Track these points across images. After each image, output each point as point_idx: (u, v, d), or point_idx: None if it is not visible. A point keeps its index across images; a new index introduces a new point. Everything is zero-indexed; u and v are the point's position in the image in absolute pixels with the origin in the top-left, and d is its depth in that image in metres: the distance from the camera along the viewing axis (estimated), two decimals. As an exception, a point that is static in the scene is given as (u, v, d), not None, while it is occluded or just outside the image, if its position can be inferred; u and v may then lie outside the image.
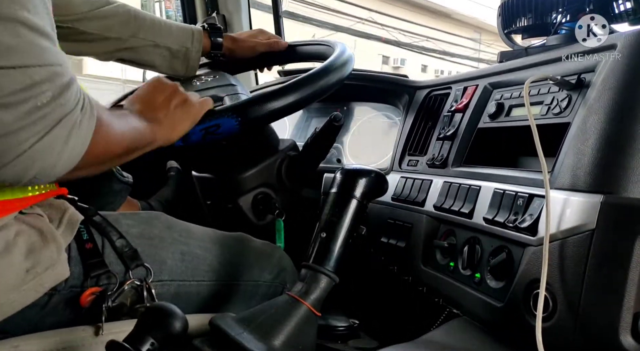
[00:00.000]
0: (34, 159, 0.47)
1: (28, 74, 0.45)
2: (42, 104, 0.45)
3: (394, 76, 1.20)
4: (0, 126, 0.44)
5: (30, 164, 0.47)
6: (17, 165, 0.46)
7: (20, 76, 0.44)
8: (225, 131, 0.77)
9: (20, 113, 0.44)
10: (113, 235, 0.69)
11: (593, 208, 0.55)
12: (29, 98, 0.45)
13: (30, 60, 0.45)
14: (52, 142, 0.47)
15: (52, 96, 0.46)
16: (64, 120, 0.47)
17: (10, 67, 0.44)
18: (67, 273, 0.62)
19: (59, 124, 0.47)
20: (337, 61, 0.87)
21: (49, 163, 0.48)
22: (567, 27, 0.81)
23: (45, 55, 0.46)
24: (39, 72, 0.45)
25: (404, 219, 0.90)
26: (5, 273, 0.56)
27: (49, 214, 0.64)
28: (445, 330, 0.71)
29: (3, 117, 0.43)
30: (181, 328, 0.56)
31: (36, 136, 0.46)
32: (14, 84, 0.44)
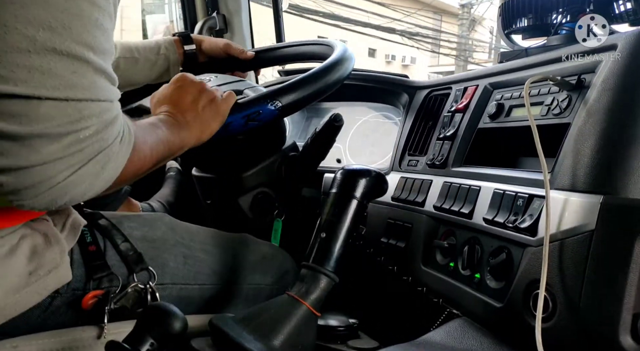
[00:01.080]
0: (66, 191, 0.47)
1: (78, 107, 0.45)
2: (85, 137, 0.46)
3: (395, 76, 1.20)
4: (41, 155, 0.44)
5: (62, 195, 0.47)
6: (48, 196, 0.46)
7: (70, 109, 0.45)
8: (265, 117, 0.79)
9: (62, 145, 0.45)
10: (118, 238, 0.69)
11: (593, 209, 0.55)
12: (73, 131, 0.45)
13: (83, 94, 0.45)
14: (86, 175, 0.47)
15: (96, 130, 0.47)
16: (101, 154, 0.48)
17: (63, 99, 0.44)
18: (69, 277, 0.62)
19: (95, 158, 0.47)
20: (345, 54, 0.88)
21: (79, 192, 0.48)
22: (568, 27, 0.81)
23: (98, 92, 0.47)
24: (88, 107, 0.46)
25: (404, 219, 0.90)
26: (9, 276, 0.56)
27: (54, 219, 0.64)
28: (445, 330, 0.71)
29: (46, 148, 0.44)
30: (180, 328, 0.56)
31: (71, 169, 0.46)
32: (63, 116, 0.44)
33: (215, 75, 1.02)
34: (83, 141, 0.46)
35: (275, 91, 0.80)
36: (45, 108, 0.43)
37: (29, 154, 0.44)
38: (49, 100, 0.43)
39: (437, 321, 0.78)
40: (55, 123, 0.44)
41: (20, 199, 0.46)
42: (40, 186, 0.45)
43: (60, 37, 0.43)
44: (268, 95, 0.79)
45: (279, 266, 0.86)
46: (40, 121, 0.43)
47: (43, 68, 0.43)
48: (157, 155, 0.61)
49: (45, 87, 0.43)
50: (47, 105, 0.43)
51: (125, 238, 0.70)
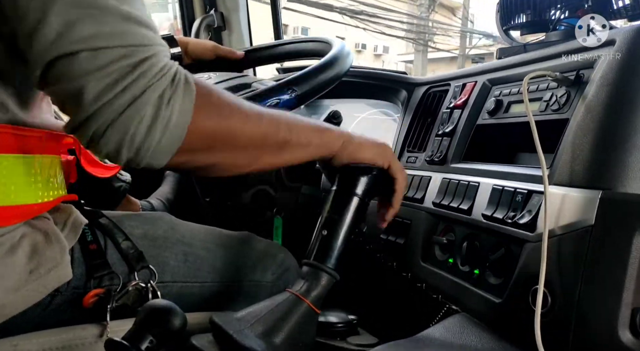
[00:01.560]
0: (126, 128, 0.50)
1: (107, 53, 0.49)
2: (120, 76, 0.49)
3: (393, 73, 1.20)
4: (90, 99, 0.49)
5: (124, 133, 0.50)
6: (112, 135, 0.50)
7: (101, 55, 0.49)
8: (283, 105, 0.80)
9: (105, 85, 0.49)
10: (119, 237, 0.69)
11: (591, 204, 0.55)
12: (109, 74, 0.49)
13: (113, 42, 0.49)
14: (139, 111, 0.50)
15: (130, 69, 0.50)
16: (148, 90, 0.50)
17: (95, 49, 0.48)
18: (69, 275, 0.62)
19: (143, 94, 0.50)
20: (338, 56, 0.89)
21: (146, 134, 0.51)
22: (566, 23, 0.81)
23: (126, 38, 0.50)
24: (117, 52, 0.49)
25: (403, 215, 0.90)
26: (9, 274, 0.56)
27: (55, 217, 0.64)
28: (444, 326, 0.71)
29: (92, 90, 0.49)
30: (180, 326, 0.56)
31: (121, 107, 0.49)
32: (98, 60, 0.49)
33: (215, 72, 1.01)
34: (122, 81, 0.49)
35: (291, 80, 0.82)
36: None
37: (78, 96, 0.49)
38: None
39: (436, 317, 0.78)
40: (94, 67, 0.48)
41: (89, 141, 0.51)
42: (93, 121, 0.50)
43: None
44: (285, 84, 0.81)
45: (279, 263, 0.86)
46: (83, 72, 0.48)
47: None
48: (260, 132, 0.61)
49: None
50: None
51: (126, 236, 0.70)
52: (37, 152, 0.61)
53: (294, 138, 0.64)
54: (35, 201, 0.60)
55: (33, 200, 0.60)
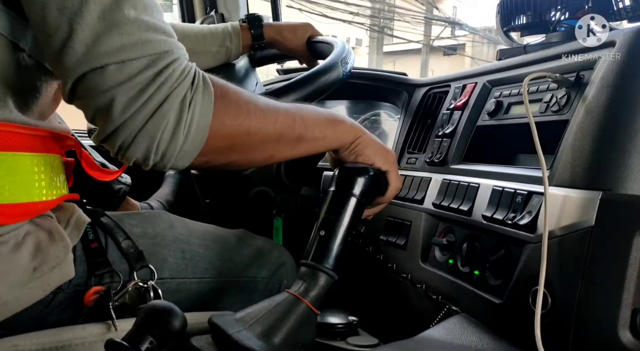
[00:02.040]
0: (152, 135, 0.52)
1: (131, 64, 0.51)
2: (145, 85, 0.51)
3: (393, 74, 1.20)
4: (118, 111, 0.51)
5: (151, 140, 0.52)
6: (139, 143, 0.52)
7: (126, 67, 0.51)
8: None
9: (132, 96, 0.51)
10: (119, 236, 0.70)
11: (591, 205, 0.55)
12: (136, 85, 0.51)
13: (135, 54, 0.51)
14: (163, 117, 0.52)
15: (153, 77, 0.51)
16: (170, 96, 0.52)
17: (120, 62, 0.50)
18: (72, 273, 0.63)
19: (166, 101, 0.52)
20: (339, 58, 0.88)
21: (170, 139, 0.53)
22: (566, 24, 0.81)
23: (149, 47, 0.52)
24: (142, 62, 0.51)
25: (403, 217, 0.90)
26: (13, 271, 0.57)
27: (58, 216, 0.65)
28: (444, 327, 0.71)
29: (120, 102, 0.51)
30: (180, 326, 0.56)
31: (143, 115, 0.51)
32: (125, 73, 0.50)
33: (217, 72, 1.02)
34: (146, 90, 0.51)
35: (315, 72, 0.83)
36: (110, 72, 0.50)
37: (107, 108, 0.51)
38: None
39: (436, 318, 0.78)
40: (118, 81, 0.50)
41: (118, 149, 0.53)
42: (127, 137, 0.52)
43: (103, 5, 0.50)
44: (312, 76, 0.83)
45: (274, 259, 0.86)
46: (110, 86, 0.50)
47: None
48: (278, 127, 0.62)
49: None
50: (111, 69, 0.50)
51: (127, 235, 0.70)
52: (41, 151, 0.62)
53: (309, 133, 0.66)
54: (40, 199, 0.61)
55: (37, 198, 0.61)
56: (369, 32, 10.52)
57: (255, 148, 0.61)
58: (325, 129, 0.68)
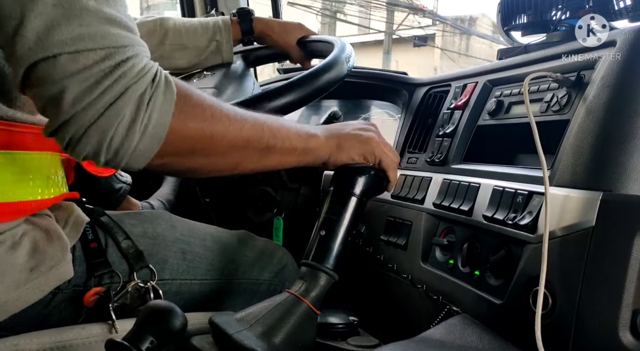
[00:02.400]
0: (105, 130, 0.49)
1: (89, 55, 0.49)
2: (100, 78, 0.49)
3: (394, 74, 1.20)
4: (69, 102, 0.48)
5: (103, 135, 0.49)
6: (90, 137, 0.49)
7: (82, 58, 0.48)
8: None
9: (85, 87, 0.48)
10: (119, 236, 0.70)
11: (592, 205, 0.55)
12: (90, 76, 0.48)
13: (92, 45, 0.49)
14: (118, 112, 0.49)
15: (110, 70, 0.49)
16: (128, 91, 0.50)
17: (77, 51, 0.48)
18: (70, 273, 0.62)
19: (123, 95, 0.49)
20: (343, 55, 0.88)
21: (124, 136, 0.50)
22: (567, 24, 0.80)
23: (107, 39, 0.50)
24: (98, 54, 0.49)
25: (404, 216, 0.90)
26: (10, 272, 0.57)
27: (56, 215, 0.65)
28: (444, 328, 0.71)
29: (71, 93, 0.48)
30: (180, 326, 0.56)
31: (96, 109, 0.49)
32: (79, 63, 0.48)
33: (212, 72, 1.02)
34: (102, 82, 0.49)
35: (264, 95, 0.81)
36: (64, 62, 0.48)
37: (58, 99, 0.48)
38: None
39: (437, 319, 0.78)
40: (74, 70, 0.48)
41: (67, 144, 0.51)
42: (72, 124, 0.49)
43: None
44: (261, 97, 0.81)
45: (277, 261, 0.86)
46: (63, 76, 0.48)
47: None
48: (239, 134, 0.60)
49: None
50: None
51: (127, 235, 0.70)
52: (32, 149, 0.61)
53: (278, 144, 0.64)
54: (34, 198, 0.60)
55: (31, 197, 0.60)
56: (320, 17, 9.51)
57: (220, 154, 0.60)
58: (295, 142, 0.66)
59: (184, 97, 0.54)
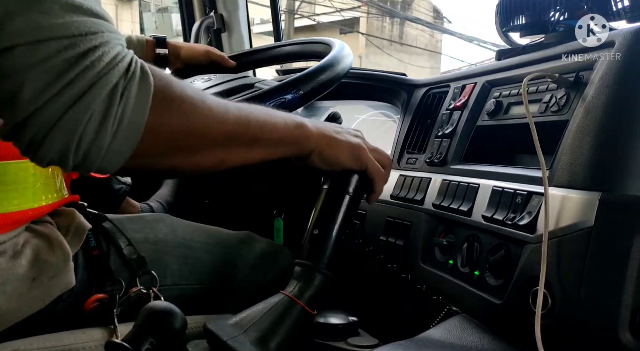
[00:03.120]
0: (71, 130, 0.43)
1: (50, 45, 0.42)
2: (63, 70, 0.42)
3: (393, 75, 1.20)
4: (27, 99, 0.42)
5: (70, 136, 0.43)
6: (54, 139, 0.43)
7: (43, 48, 0.42)
8: (289, 104, 0.81)
9: (45, 81, 0.42)
10: (121, 242, 0.69)
11: (591, 205, 0.55)
12: (51, 68, 0.42)
13: (51, 33, 0.42)
14: (86, 108, 0.43)
15: (74, 60, 0.43)
16: (97, 84, 0.43)
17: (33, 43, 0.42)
18: (72, 282, 0.61)
19: (91, 89, 0.43)
20: (336, 58, 0.89)
21: (95, 136, 0.44)
22: (565, 24, 0.81)
23: (72, 27, 0.43)
24: (61, 43, 0.43)
25: (403, 217, 0.90)
26: (12, 281, 0.56)
27: (58, 222, 0.64)
28: (444, 328, 0.71)
29: (29, 89, 0.42)
30: (180, 327, 0.56)
31: (62, 105, 0.42)
32: (37, 55, 0.42)
33: (215, 74, 1.02)
34: (65, 75, 0.42)
35: (296, 80, 0.83)
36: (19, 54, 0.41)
37: (14, 96, 0.42)
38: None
39: (436, 319, 0.78)
40: (30, 63, 0.42)
41: (27, 147, 0.44)
42: (32, 124, 0.43)
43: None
44: (290, 83, 0.83)
45: (280, 263, 0.86)
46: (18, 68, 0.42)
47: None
48: (235, 126, 0.55)
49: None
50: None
51: (129, 241, 0.69)
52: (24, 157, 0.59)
53: (265, 135, 0.59)
54: (31, 206, 0.59)
55: (27, 205, 0.59)
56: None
57: (202, 151, 0.54)
58: (283, 132, 0.61)
59: (163, 89, 0.48)
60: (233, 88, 0.91)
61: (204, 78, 1.00)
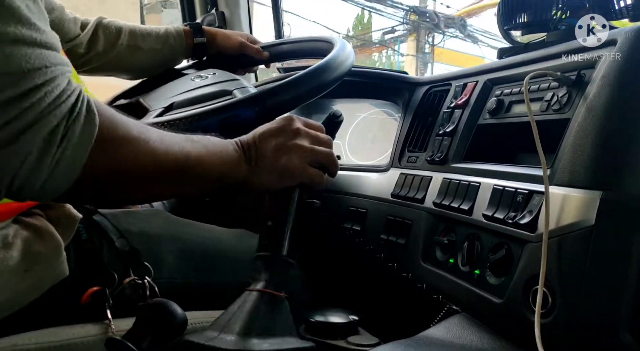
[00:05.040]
0: (6, 170, 0.42)
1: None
2: (3, 111, 0.41)
3: (394, 73, 1.20)
4: None
5: (3, 175, 0.42)
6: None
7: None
8: (241, 121, 0.78)
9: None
10: (113, 234, 0.69)
11: (592, 204, 0.55)
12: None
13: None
14: (22, 151, 0.42)
15: (14, 100, 0.41)
16: (37, 125, 0.42)
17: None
18: (66, 273, 0.62)
19: (30, 130, 0.42)
20: (341, 55, 0.88)
21: (28, 176, 0.43)
22: (567, 23, 0.81)
23: (15, 62, 0.41)
24: (2, 81, 0.41)
25: (404, 216, 0.90)
26: (4, 273, 0.56)
27: (48, 213, 0.64)
28: (444, 327, 0.71)
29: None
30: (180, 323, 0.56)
31: (2, 145, 0.41)
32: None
33: (214, 72, 1.01)
34: (5, 113, 0.41)
35: (254, 96, 0.80)
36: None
37: None
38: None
39: (436, 318, 0.78)
40: None
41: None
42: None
43: None
44: (249, 99, 0.79)
45: None
46: None
47: None
48: (172, 169, 0.54)
49: None
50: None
51: (121, 233, 0.70)
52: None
53: (201, 172, 0.58)
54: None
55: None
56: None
57: (138, 189, 0.54)
58: (217, 169, 0.60)
59: (107, 130, 0.47)
60: (211, 94, 0.90)
61: (202, 76, 1.01)
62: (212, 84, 0.96)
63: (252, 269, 0.67)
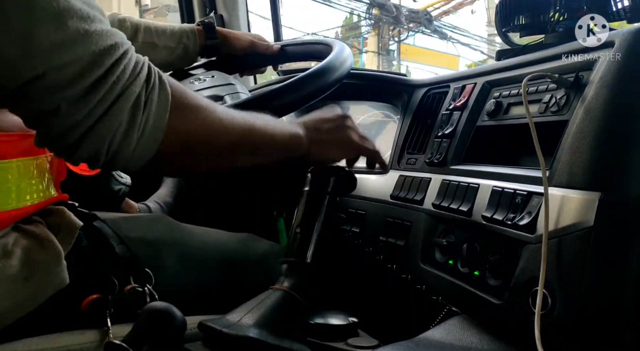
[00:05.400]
0: (102, 138, 0.48)
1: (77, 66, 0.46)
2: (92, 87, 0.46)
3: (393, 75, 1.20)
4: (63, 116, 0.46)
5: (100, 142, 0.48)
6: (87, 146, 0.48)
7: (71, 70, 0.46)
8: None
9: (77, 100, 0.46)
10: (114, 241, 0.68)
11: (591, 205, 0.55)
12: (81, 87, 0.46)
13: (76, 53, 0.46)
14: (115, 119, 0.48)
15: (101, 77, 0.47)
16: (123, 95, 0.48)
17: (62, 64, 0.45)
18: (66, 281, 0.61)
19: (118, 101, 0.48)
20: (337, 60, 0.88)
21: (122, 141, 0.49)
22: (565, 25, 0.81)
23: (91, 42, 0.47)
24: (85, 61, 0.46)
25: (403, 217, 0.90)
26: (3, 282, 0.55)
27: (48, 221, 0.63)
28: (444, 328, 0.71)
29: (64, 109, 0.46)
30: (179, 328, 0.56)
31: (96, 117, 0.47)
32: (66, 77, 0.46)
33: (213, 75, 1.02)
34: (94, 91, 0.47)
35: (236, 105, 0.80)
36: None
37: (51, 114, 0.46)
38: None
39: (436, 319, 0.78)
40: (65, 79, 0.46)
41: (62, 153, 0.50)
42: (69, 135, 0.47)
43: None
44: (248, 102, 0.82)
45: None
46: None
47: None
48: (231, 133, 0.60)
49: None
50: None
51: (121, 240, 0.69)
52: (9, 157, 0.58)
53: (265, 144, 0.66)
54: (15, 207, 0.59)
55: (9, 206, 0.58)
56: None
57: (212, 155, 0.60)
58: (279, 142, 0.68)
59: (180, 98, 0.53)
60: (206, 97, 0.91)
61: (201, 79, 1.01)
62: (206, 88, 0.96)
63: (262, 272, 0.71)
